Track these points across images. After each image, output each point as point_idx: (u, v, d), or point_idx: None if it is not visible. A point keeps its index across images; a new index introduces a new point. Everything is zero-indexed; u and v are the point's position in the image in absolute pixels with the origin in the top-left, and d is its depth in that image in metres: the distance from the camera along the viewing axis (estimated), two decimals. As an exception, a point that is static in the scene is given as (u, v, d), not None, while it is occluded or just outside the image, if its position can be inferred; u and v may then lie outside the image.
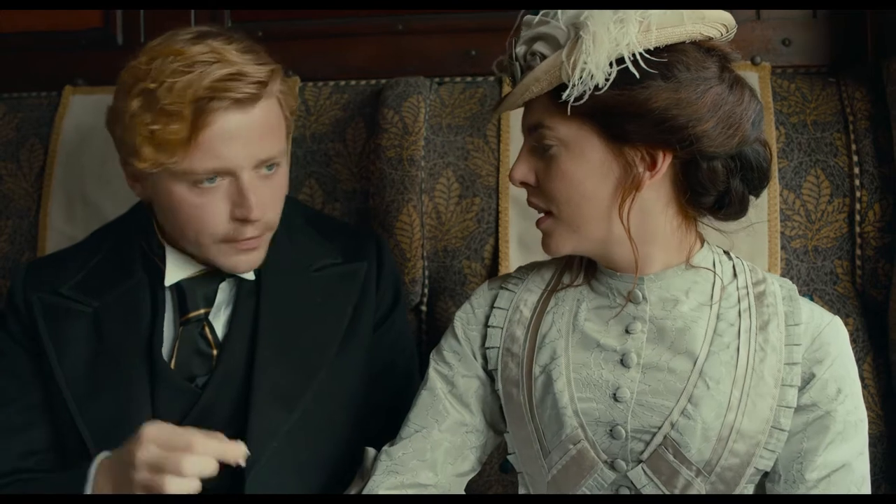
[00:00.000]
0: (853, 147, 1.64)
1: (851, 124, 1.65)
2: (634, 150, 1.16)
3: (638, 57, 1.12)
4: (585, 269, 1.29)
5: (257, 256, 1.39)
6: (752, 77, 1.67)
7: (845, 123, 1.66)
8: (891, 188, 1.62)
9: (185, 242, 1.37)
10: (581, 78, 1.12)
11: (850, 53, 1.77)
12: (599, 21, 1.12)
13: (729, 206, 1.21)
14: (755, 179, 1.21)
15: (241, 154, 1.29)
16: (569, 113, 1.14)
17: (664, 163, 1.16)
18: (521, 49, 1.19)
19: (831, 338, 1.21)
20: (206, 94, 1.25)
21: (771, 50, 1.78)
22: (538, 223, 1.25)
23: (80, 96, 1.90)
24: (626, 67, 1.12)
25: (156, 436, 1.15)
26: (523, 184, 1.23)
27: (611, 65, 1.12)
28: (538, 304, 1.29)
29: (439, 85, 1.83)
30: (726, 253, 1.28)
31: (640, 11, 1.13)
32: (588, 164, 1.17)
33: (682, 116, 1.13)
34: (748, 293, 1.24)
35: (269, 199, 1.34)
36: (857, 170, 1.63)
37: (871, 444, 1.54)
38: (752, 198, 1.22)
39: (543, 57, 1.16)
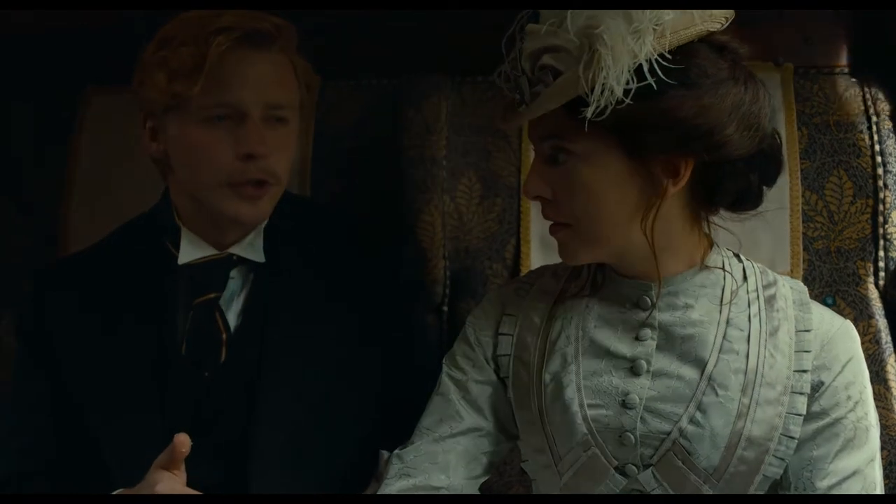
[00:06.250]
0: (876, 148, 1.64)
1: (875, 125, 1.65)
2: (656, 161, 1.13)
3: (655, 65, 1.08)
4: (594, 274, 1.28)
5: (261, 209, 1.37)
6: (774, 78, 1.66)
7: (868, 124, 1.65)
8: (914, 189, 1.61)
9: (198, 191, 1.36)
10: (602, 94, 1.07)
11: (874, 54, 1.76)
12: (616, 33, 1.08)
13: (746, 201, 1.20)
14: (772, 171, 1.20)
15: (252, 92, 1.32)
16: (587, 129, 1.10)
17: (687, 171, 1.14)
18: (528, 63, 1.15)
19: (841, 344, 1.20)
20: (220, 27, 1.30)
21: (793, 50, 1.76)
22: (553, 231, 1.22)
23: (102, 96, 1.91)
24: (646, 79, 1.08)
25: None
26: (538, 198, 1.20)
27: (630, 77, 1.08)
28: (548, 311, 1.28)
29: (461, 84, 1.83)
30: (736, 255, 1.27)
31: (653, 17, 1.09)
32: (609, 176, 1.14)
33: (706, 124, 1.11)
34: (758, 297, 1.22)
35: (275, 146, 1.34)
36: (880, 171, 1.63)
37: (896, 447, 1.54)
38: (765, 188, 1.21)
39: (555, 71, 1.12)
